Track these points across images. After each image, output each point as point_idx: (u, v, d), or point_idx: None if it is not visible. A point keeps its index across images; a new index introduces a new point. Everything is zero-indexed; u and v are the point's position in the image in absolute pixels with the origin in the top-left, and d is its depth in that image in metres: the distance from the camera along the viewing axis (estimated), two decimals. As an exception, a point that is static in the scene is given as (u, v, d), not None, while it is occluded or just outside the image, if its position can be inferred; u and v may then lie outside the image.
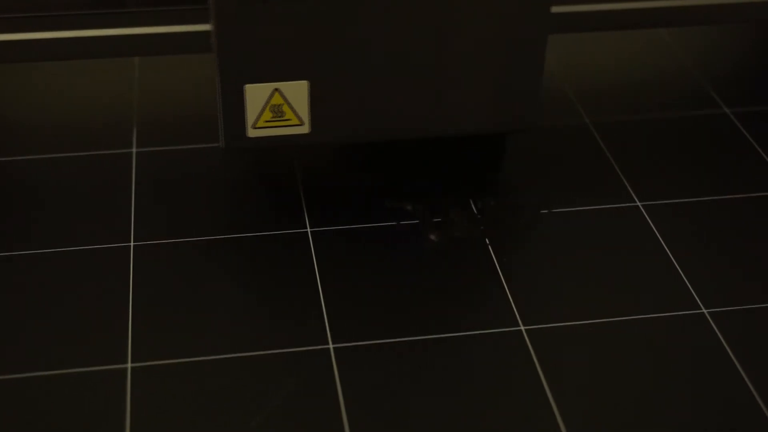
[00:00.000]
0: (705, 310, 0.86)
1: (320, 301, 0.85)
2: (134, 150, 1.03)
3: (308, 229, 0.92)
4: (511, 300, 0.87)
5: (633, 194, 0.99)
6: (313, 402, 0.77)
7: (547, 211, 0.96)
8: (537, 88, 0.92)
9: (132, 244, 0.90)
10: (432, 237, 0.90)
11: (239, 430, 0.75)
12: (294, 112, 0.89)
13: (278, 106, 0.89)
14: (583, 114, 1.10)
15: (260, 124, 0.90)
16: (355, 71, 0.89)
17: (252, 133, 0.90)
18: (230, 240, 0.91)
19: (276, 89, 0.88)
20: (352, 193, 0.97)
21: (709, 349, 0.83)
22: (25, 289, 0.86)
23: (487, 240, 0.92)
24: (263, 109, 0.89)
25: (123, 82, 1.13)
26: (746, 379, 0.80)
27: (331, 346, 0.81)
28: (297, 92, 0.89)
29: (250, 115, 0.89)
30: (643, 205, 0.97)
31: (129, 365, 0.79)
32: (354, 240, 0.92)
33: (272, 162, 1.01)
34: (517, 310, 0.86)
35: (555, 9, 1.08)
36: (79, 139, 1.04)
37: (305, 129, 0.90)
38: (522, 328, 0.84)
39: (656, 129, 1.08)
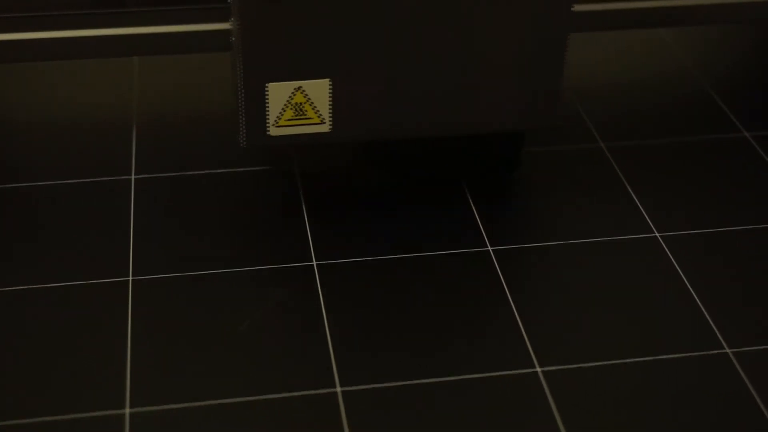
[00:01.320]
0: (729, 350, 0.83)
1: (327, 343, 0.83)
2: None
3: (314, 262, 0.90)
4: (525, 338, 0.84)
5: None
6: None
7: (559, 243, 0.93)
8: (558, 86, 0.92)
9: (131, 278, 0.88)
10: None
11: None
12: (315, 110, 0.90)
13: (300, 105, 0.89)
14: (583, 113, 1.10)
15: (282, 122, 0.90)
16: (377, 70, 0.89)
17: (273, 131, 0.90)
18: (234, 274, 0.89)
19: (298, 88, 0.88)
20: (360, 222, 0.95)
21: (733, 390, 0.80)
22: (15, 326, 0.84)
23: (500, 274, 0.90)
24: (285, 108, 0.89)
25: (123, 82, 1.13)
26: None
27: (338, 390, 0.79)
28: (319, 91, 0.89)
29: (272, 113, 0.89)
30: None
31: (127, 410, 0.77)
32: (361, 272, 0.90)
33: (275, 186, 1.00)
34: (533, 350, 0.83)
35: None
36: (79, 139, 1.04)
37: (326, 128, 0.91)
38: (538, 370, 0.81)
39: (657, 129, 1.08)
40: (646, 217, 0.96)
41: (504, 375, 0.80)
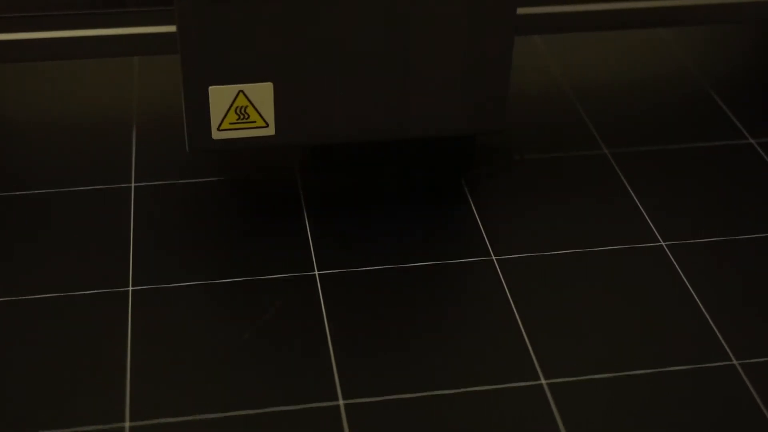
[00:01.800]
0: (736, 362, 0.82)
1: (330, 355, 0.82)
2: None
3: (316, 272, 0.89)
4: (530, 350, 0.82)
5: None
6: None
7: (559, 252, 0.92)
8: (504, 89, 0.91)
9: (130, 288, 0.87)
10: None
11: None
12: (259, 113, 0.89)
13: (243, 108, 0.89)
14: (582, 113, 1.10)
15: (225, 126, 0.89)
16: (320, 73, 0.88)
17: (217, 135, 0.89)
18: (235, 284, 0.88)
19: (240, 91, 0.88)
20: (362, 231, 0.94)
21: (740, 403, 0.78)
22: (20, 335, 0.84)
23: (504, 284, 0.88)
24: (228, 111, 0.88)
25: (123, 82, 1.13)
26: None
27: (341, 402, 0.78)
28: (262, 94, 0.88)
29: (215, 117, 0.89)
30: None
31: (127, 423, 0.76)
32: (364, 282, 0.88)
33: (276, 194, 1.00)
34: (537, 362, 0.81)
35: (554, 9, 1.08)
36: (78, 140, 1.04)
37: (270, 131, 0.90)
38: (543, 382, 0.79)
39: (656, 129, 1.08)
40: (651, 226, 0.95)
41: (509, 387, 0.79)
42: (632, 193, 0.98)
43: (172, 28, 1.01)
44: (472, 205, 0.97)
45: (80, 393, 0.78)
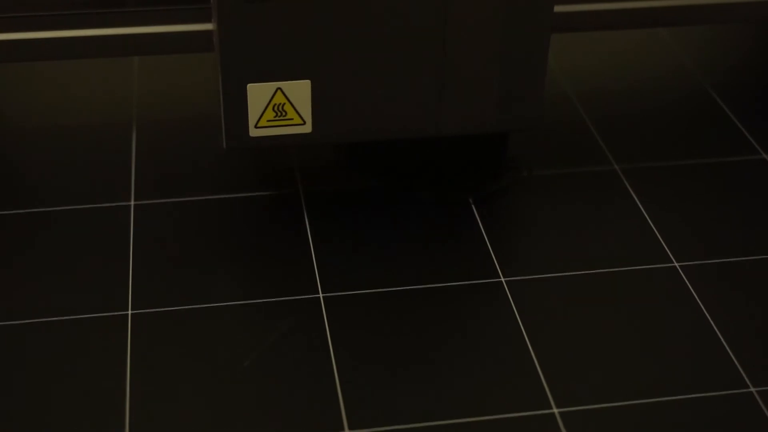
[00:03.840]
0: (753, 389, 0.79)
1: (335, 383, 0.80)
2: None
3: (320, 294, 0.87)
4: (542, 378, 0.80)
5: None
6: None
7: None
8: (540, 88, 0.92)
9: (130, 312, 0.86)
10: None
11: None
12: (296, 111, 0.89)
13: (280, 106, 0.89)
14: (582, 113, 1.10)
15: (262, 123, 0.90)
16: (357, 70, 0.89)
17: (254, 132, 0.90)
18: (238, 307, 0.86)
19: (278, 88, 0.88)
20: (368, 253, 0.92)
21: (756, 429, 0.76)
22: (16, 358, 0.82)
23: (513, 306, 0.86)
24: (265, 109, 0.89)
25: (123, 82, 1.13)
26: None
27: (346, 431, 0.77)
28: (299, 91, 0.89)
29: (252, 114, 0.89)
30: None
31: None
32: (369, 305, 0.86)
33: (279, 213, 0.98)
34: (549, 389, 0.79)
35: (555, 8, 1.08)
36: (77, 140, 1.04)
37: (307, 128, 0.90)
38: (555, 411, 0.77)
39: (656, 129, 1.08)
40: (664, 246, 0.92)
41: (520, 416, 0.77)
42: (643, 211, 0.96)
43: (172, 28, 1.01)
44: (480, 225, 0.95)
45: (80, 414, 0.77)
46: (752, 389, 0.79)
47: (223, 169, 1.01)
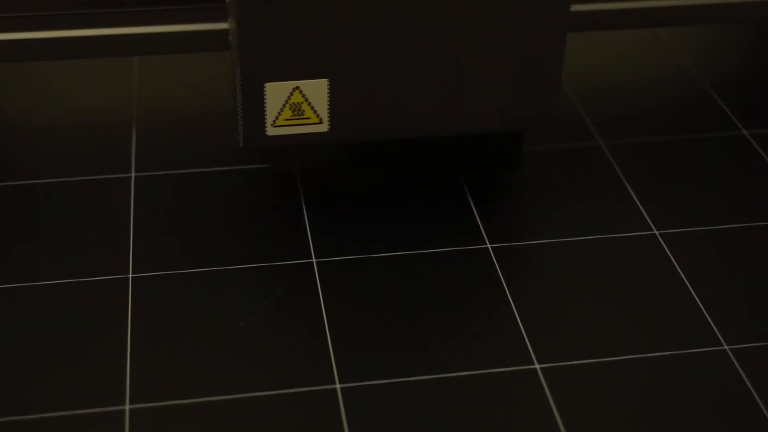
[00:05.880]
0: (727, 347, 0.83)
1: (327, 340, 0.83)
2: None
3: (314, 260, 0.90)
4: (524, 335, 0.84)
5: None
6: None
7: (556, 241, 0.93)
8: (556, 86, 0.92)
9: (130, 275, 0.88)
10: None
11: None
12: (313, 110, 0.90)
13: (298, 105, 0.89)
14: (582, 113, 1.10)
15: (279, 122, 0.90)
16: (375, 69, 0.89)
17: (271, 131, 0.90)
18: (233, 271, 0.89)
19: (296, 87, 0.89)
20: (359, 220, 0.95)
21: (731, 388, 0.79)
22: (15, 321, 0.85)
23: (499, 271, 0.90)
24: (283, 108, 0.89)
25: (123, 82, 1.13)
26: None
27: (338, 386, 0.79)
28: (317, 90, 0.89)
29: (270, 113, 0.89)
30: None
31: (127, 406, 0.77)
32: (361, 269, 0.90)
33: (275, 184, 1.00)
34: (531, 346, 0.83)
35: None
36: (78, 141, 1.04)
37: (324, 127, 0.91)
38: (536, 366, 0.81)
39: (656, 127, 1.08)
40: (645, 215, 0.96)
41: (503, 372, 0.81)
42: (626, 184, 0.99)
43: (172, 28, 1.01)
44: (469, 196, 0.97)
45: (81, 377, 0.79)
46: (726, 347, 0.83)
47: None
